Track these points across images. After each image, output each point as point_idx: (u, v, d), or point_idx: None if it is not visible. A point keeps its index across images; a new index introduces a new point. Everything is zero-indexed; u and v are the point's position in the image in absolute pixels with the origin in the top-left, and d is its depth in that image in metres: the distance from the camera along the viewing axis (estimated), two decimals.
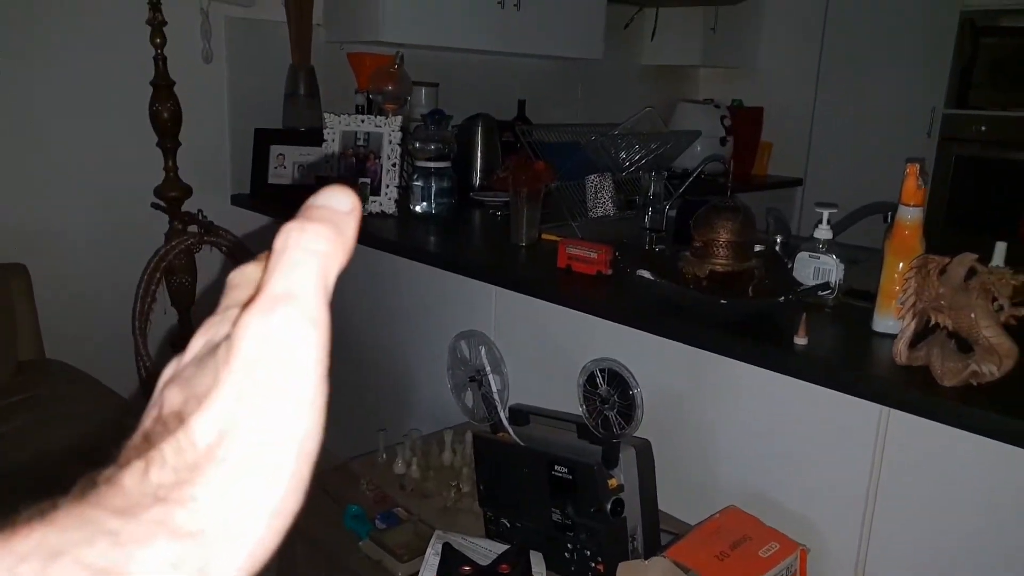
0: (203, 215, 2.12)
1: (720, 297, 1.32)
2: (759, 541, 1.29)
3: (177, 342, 2.25)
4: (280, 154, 2.42)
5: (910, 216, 1.24)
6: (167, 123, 2.09)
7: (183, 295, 2.19)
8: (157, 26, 2.04)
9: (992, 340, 0.98)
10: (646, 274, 1.28)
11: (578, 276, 1.61)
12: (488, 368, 1.53)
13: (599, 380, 1.36)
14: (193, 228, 2.14)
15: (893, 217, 1.27)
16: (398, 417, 2.31)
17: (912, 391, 1.04)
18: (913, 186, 1.22)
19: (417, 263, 1.98)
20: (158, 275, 2.05)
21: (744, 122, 3.89)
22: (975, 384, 1.00)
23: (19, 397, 1.73)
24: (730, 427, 1.44)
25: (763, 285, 1.39)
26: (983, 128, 3.67)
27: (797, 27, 3.81)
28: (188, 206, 2.21)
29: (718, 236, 1.35)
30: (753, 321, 1.31)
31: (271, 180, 2.41)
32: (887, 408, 1.19)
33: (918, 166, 1.22)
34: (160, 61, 2.07)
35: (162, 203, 2.13)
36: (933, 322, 1.08)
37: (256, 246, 2.28)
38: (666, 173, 1.99)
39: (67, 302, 2.12)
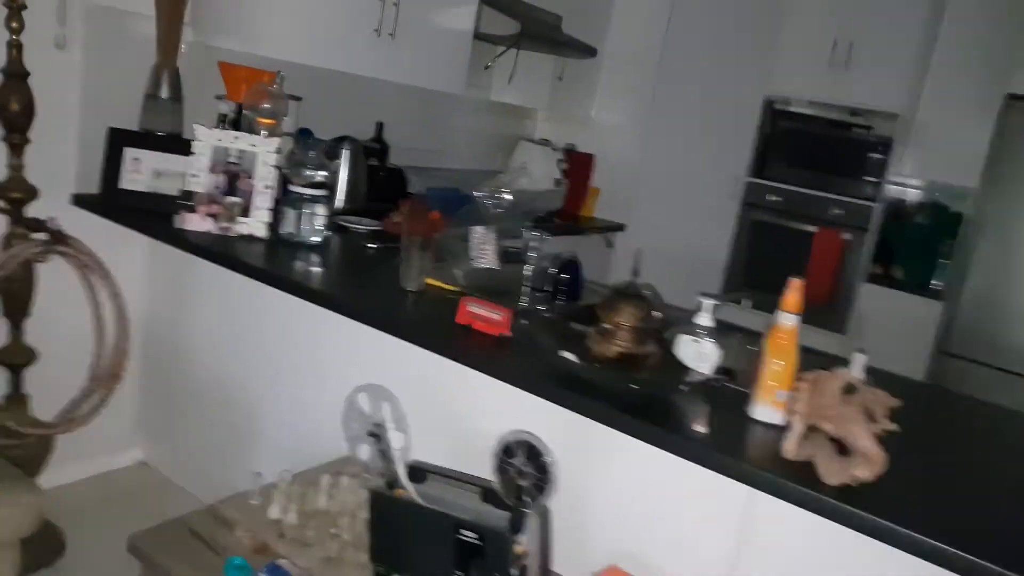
0: (53, 222, 1.93)
1: (621, 375, 1.45)
2: None
3: (6, 357, 2.03)
4: (136, 158, 2.25)
5: (789, 323, 1.45)
6: (19, 116, 1.88)
7: (18, 307, 1.97)
8: (16, 9, 1.84)
9: (869, 450, 1.19)
10: (570, 357, 1.39)
11: (478, 335, 1.68)
12: (391, 425, 1.55)
13: (515, 451, 1.45)
14: (40, 236, 1.94)
15: (769, 318, 1.48)
16: (253, 452, 2.25)
17: (799, 484, 1.23)
18: (796, 299, 1.43)
19: (297, 299, 1.94)
20: None
21: (577, 166, 4.15)
22: (852, 484, 1.21)
23: None
24: (614, 495, 1.58)
25: (654, 363, 1.55)
26: (777, 198, 4.20)
27: (630, 87, 4.14)
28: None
29: (623, 320, 1.49)
30: (649, 400, 1.46)
31: (124, 185, 2.23)
32: (756, 491, 1.38)
33: (802, 282, 1.43)
34: (15, 48, 1.86)
35: (5, 205, 1.91)
36: (813, 424, 1.28)
37: (106, 258, 2.11)
38: (546, 234, 2.12)
39: None
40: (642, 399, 1.44)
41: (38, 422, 2.02)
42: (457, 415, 1.79)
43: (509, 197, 2.21)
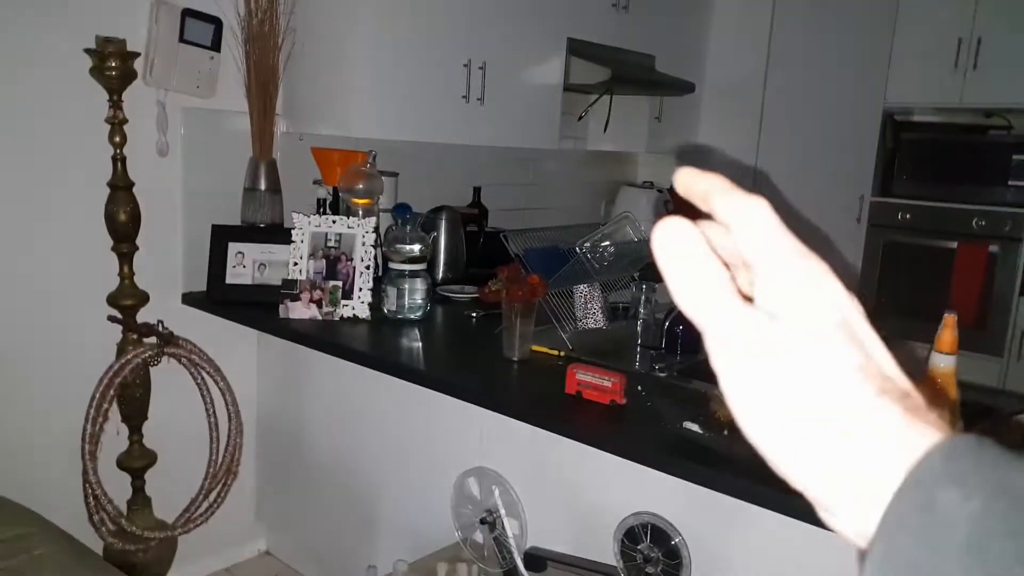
0: (163, 325, 1.96)
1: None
2: None
3: (128, 462, 2.06)
4: (239, 252, 2.28)
5: (943, 364, 1.25)
6: (126, 225, 1.94)
7: (136, 411, 2.01)
8: (117, 125, 1.90)
9: None
10: (694, 427, 1.24)
11: (589, 404, 1.56)
12: (503, 511, 1.44)
13: (639, 535, 1.30)
14: (151, 339, 1.97)
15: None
16: (369, 539, 2.18)
17: None
18: (951, 338, 1.22)
19: (398, 380, 1.88)
20: (112, 392, 1.87)
21: (685, 204, 3.95)
22: None
23: None
24: None
25: None
26: (908, 216, 3.87)
27: (735, 117, 3.95)
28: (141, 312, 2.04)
29: None
30: None
31: (229, 280, 2.26)
32: None
33: (955, 317, 1.23)
34: (119, 161, 1.92)
35: (117, 314, 1.96)
36: None
37: (217, 354, 2.13)
38: (656, 286, 1.98)
39: (5, 425, 1.91)
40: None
41: (160, 525, 2.03)
42: (574, 494, 1.65)
43: (611, 249, 2.09)
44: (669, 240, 0.34)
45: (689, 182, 0.37)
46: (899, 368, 0.31)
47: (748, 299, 0.33)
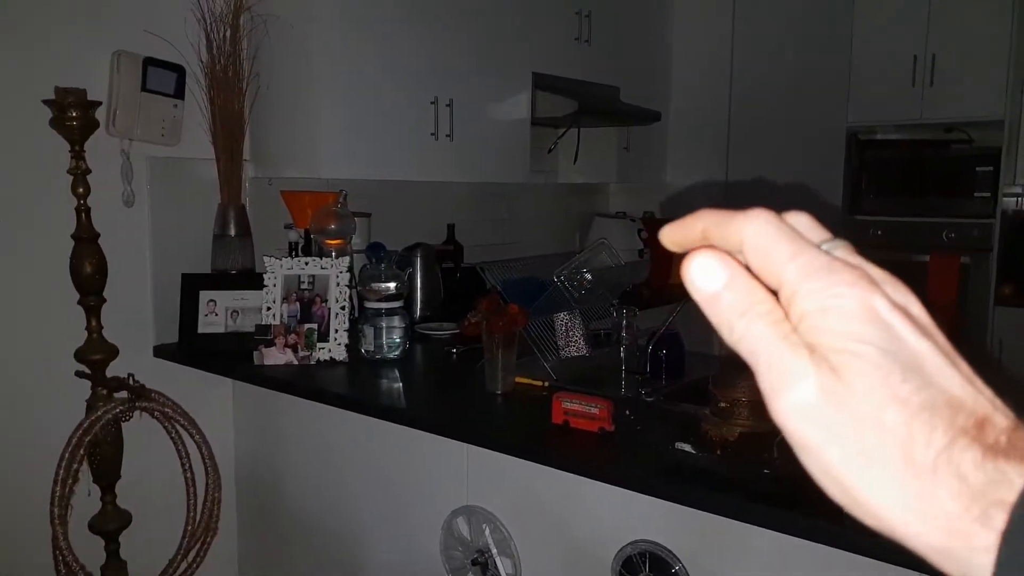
0: (133, 379, 1.90)
1: (748, 458, 1.25)
2: None
3: (101, 524, 1.97)
4: (211, 300, 2.23)
5: None
6: (92, 278, 1.88)
7: (108, 470, 1.93)
8: (80, 175, 1.86)
9: None
10: (686, 448, 1.20)
11: (577, 433, 1.52)
12: (495, 550, 1.39)
13: (638, 565, 1.25)
14: (121, 394, 1.90)
15: None
16: None
17: None
18: None
19: (380, 421, 1.82)
20: (81, 451, 1.79)
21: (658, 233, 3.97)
22: None
23: None
24: None
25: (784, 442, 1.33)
26: (879, 232, 3.90)
27: (703, 142, 3.99)
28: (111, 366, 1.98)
29: (742, 395, 1.29)
30: (786, 484, 1.25)
31: (201, 329, 2.20)
32: None
33: None
34: (83, 213, 1.88)
35: (86, 369, 1.89)
36: None
37: (192, 406, 2.07)
38: (637, 311, 1.96)
39: None
40: (778, 484, 1.23)
41: None
42: (568, 527, 1.60)
43: (589, 277, 2.07)
44: (704, 276, 0.30)
45: (678, 238, 0.34)
46: (973, 381, 0.28)
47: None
